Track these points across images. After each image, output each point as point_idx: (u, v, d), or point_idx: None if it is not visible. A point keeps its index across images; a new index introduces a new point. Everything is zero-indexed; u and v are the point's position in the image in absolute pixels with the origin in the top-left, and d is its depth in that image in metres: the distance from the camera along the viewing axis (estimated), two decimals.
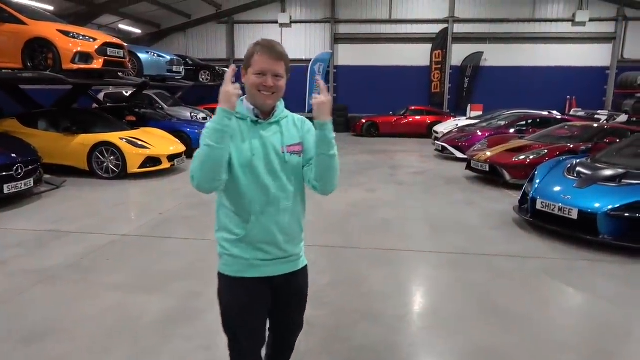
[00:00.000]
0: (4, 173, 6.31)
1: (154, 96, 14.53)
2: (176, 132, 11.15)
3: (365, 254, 4.88)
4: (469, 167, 9.03)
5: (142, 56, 10.93)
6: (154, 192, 7.74)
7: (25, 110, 9.88)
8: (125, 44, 9.67)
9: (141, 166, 8.63)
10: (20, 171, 6.53)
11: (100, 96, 14.89)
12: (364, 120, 17.38)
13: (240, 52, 19.75)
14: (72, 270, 4.36)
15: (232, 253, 1.88)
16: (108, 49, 8.71)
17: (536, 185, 5.78)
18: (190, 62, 16.72)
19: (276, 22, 19.10)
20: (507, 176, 8.09)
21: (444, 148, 11.81)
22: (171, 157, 9.13)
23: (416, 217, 6.30)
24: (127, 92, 14.37)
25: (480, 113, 16.60)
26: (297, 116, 2.03)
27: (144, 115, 11.70)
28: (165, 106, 14.38)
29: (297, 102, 19.40)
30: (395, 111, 17.55)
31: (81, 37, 8.31)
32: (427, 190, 8.05)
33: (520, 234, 5.54)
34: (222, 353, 2.98)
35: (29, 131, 8.81)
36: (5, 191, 6.32)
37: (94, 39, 8.49)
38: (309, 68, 18.88)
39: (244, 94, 1.86)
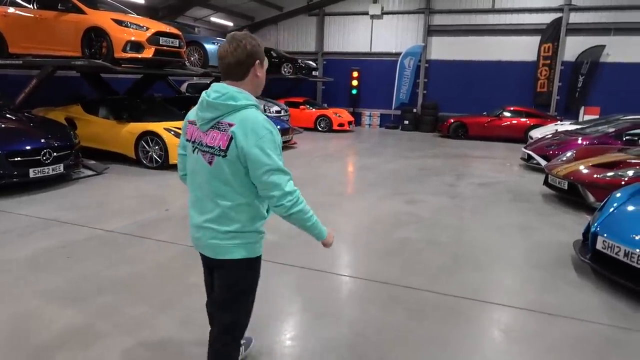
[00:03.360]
0: (31, 158, 6.45)
1: None
2: None
3: (336, 284, 3.97)
4: (546, 183, 7.42)
5: (208, 46, 10.82)
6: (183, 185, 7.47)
7: (101, 97, 10.39)
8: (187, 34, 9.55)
9: None
10: (48, 156, 6.64)
11: (184, 86, 15.41)
12: (452, 120, 15.80)
13: (329, 45, 19.26)
14: (25, 265, 4.11)
15: (264, 233, 2.10)
16: (160, 38, 8.64)
17: (603, 217, 4.32)
18: (274, 55, 16.59)
19: (367, 13, 18.18)
20: (591, 198, 6.43)
21: (530, 157, 10.06)
22: None
23: (445, 241, 5.14)
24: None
25: (597, 117, 14.09)
26: None
27: None
28: None
29: (384, 97, 18.49)
30: (490, 112, 15.68)
31: (134, 27, 8.33)
32: (482, 207, 6.71)
33: (570, 281, 4.15)
34: None
35: (90, 117, 9.17)
36: (31, 175, 6.45)
37: (147, 28, 8.47)
38: (399, 62, 17.77)
39: None
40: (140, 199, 6.57)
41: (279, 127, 11.76)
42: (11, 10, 8.88)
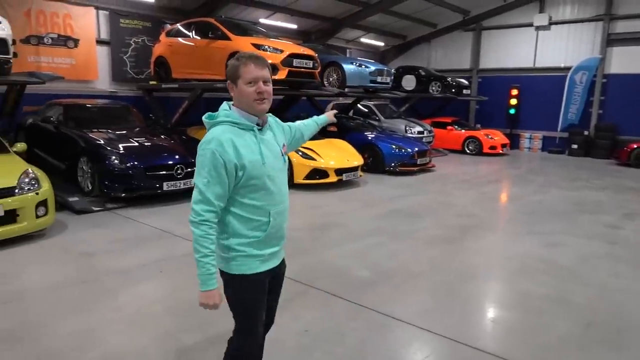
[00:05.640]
0: (165, 172, 7.05)
1: (373, 107, 14.41)
2: (369, 145, 10.75)
3: (414, 343, 3.27)
4: None
5: (347, 67, 10.78)
6: (300, 205, 7.41)
7: None
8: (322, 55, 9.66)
9: (307, 177, 8.53)
10: (180, 171, 7.18)
11: (329, 106, 15.73)
12: (634, 145, 13.08)
13: (485, 62, 17.82)
14: (118, 277, 4.35)
15: (249, 253, 2.00)
16: (294, 60, 8.85)
17: None
18: (422, 74, 15.98)
19: (531, 24, 16.33)
20: None
21: None
22: (340, 171, 8.73)
23: (579, 303, 3.99)
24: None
25: None
26: (270, 115, 2.16)
27: (348, 126, 11.66)
28: (382, 118, 14.07)
29: (548, 117, 16.31)
30: None
31: (270, 50, 8.68)
32: None
33: None
34: None
35: None
36: (165, 188, 7.03)
37: (281, 51, 8.75)
38: (568, 77, 15.57)
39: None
40: None
41: (416, 148, 11.12)
42: (174, 40, 10.07)
